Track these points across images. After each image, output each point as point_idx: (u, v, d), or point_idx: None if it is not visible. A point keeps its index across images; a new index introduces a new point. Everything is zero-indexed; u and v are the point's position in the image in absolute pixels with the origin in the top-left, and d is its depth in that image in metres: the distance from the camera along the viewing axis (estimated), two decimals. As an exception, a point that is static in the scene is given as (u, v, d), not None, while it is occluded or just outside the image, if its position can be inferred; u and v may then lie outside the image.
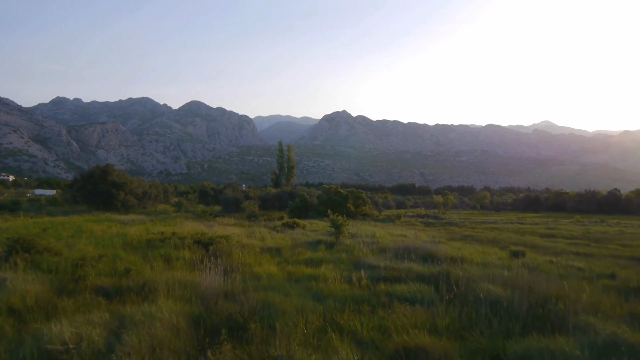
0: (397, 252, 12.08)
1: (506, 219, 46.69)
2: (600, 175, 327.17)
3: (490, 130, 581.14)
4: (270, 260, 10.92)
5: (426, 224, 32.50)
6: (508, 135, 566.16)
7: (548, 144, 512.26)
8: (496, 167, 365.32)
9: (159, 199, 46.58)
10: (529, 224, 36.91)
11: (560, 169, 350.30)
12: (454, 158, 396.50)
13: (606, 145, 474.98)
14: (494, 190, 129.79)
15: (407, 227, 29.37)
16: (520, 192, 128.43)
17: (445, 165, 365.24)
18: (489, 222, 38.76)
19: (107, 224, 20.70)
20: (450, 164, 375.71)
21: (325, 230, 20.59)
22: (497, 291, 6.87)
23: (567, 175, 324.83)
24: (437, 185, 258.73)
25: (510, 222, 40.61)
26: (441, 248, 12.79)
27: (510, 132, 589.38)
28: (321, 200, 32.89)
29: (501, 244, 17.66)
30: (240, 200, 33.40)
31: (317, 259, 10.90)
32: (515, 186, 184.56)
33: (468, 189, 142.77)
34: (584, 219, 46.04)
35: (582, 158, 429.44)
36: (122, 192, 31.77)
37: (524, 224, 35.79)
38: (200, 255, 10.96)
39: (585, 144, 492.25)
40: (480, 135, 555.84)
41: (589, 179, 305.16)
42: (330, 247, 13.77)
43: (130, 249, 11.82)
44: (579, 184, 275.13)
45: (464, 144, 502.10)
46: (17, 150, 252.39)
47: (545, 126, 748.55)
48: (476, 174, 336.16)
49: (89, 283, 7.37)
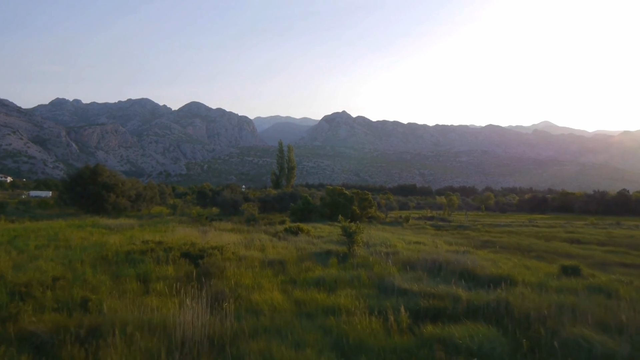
0: (425, 266, 10.04)
1: (517, 221, 44.71)
2: (601, 175, 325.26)
3: (490, 130, 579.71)
4: (272, 280, 8.86)
5: (437, 228, 30.47)
6: (508, 135, 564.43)
7: (548, 144, 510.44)
8: (496, 168, 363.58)
9: (154, 200, 44.52)
10: (543, 226, 34.91)
11: (561, 169, 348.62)
12: (454, 158, 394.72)
13: (606, 145, 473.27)
14: (496, 190, 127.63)
15: (418, 231, 27.37)
16: (523, 192, 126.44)
17: (446, 166, 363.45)
18: (501, 224, 36.73)
19: (90, 229, 18.65)
20: (450, 164, 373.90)
21: (333, 236, 18.55)
22: (598, 339, 4.80)
23: (568, 176, 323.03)
24: (437, 185, 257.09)
25: (523, 224, 38.62)
26: (475, 261, 10.75)
27: (510, 133, 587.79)
28: (325, 202, 30.80)
29: (533, 253, 15.63)
30: (239, 202, 31.34)
31: (330, 278, 8.84)
32: (516, 186, 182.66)
33: (470, 189, 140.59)
34: (598, 221, 43.98)
35: (582, 158, 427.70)
36: (113, 194, 29.59)
37: (539, 227, 33.75)
38: (187, 272, 8.90)
39: (585, 144, 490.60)
40: (480, 135, 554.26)
41: (589, 179, 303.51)
42: (343, 259, 11.70)
43: (103, 265, 9.77)
44: (579, 184, 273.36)
45: (464, 144, 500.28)
46: (16, 152, 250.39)
47: (545, 126, 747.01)
48: (476, 174, 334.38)
49: (22, 326, 5.26)
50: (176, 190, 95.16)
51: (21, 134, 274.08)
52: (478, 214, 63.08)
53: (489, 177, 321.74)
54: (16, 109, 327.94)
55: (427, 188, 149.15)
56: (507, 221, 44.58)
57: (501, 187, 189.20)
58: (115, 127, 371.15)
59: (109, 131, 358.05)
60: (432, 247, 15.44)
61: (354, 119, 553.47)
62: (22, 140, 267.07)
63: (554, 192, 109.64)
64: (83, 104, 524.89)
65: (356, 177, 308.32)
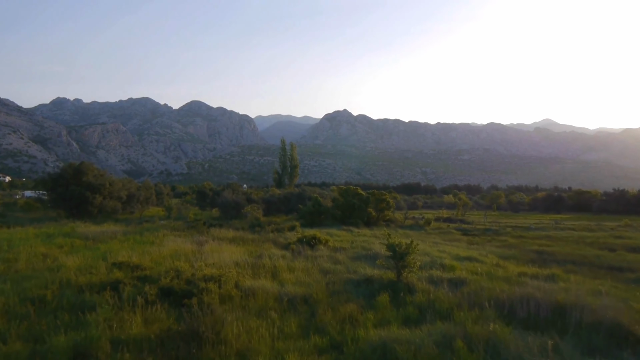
0: (531, 311, 6.55)
1: (540, 222, 41.16)
2: (604, 173, 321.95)
3: (491, 128, 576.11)
4: (301, 346, 5.35)
5: (464, 232, 26.87)
6: (509, 133, 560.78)
7: (550, 142, 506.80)
8: (498, 166, 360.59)
9: (150, 201, 41.16)
10: (580, 229, 31.31)
11: (563, 167, 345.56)
12: (456, 157, 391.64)
13: (608, 143, 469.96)
14: (502, 189, 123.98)
15: (446, 236, 23.79)
16: (529, 191, 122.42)
17: (448, 164, 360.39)
18: (531, 227, 33.17)
19: (60, 241, 15.15)
20: (452, 162, 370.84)
21: (357, 248, 15.05)
22: None
23: (570, 173, 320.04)
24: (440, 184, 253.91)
25: (552, 226, 35.11)
26: (608, 302, 7.23)
27: (511, 131, 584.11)
28: (337, 203, 27.25)
29: (630, 274, 11.99)
30: (241, 204, 27.89)
31: (401, 346, 5.29)
32: (522, 184, 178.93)
33: (475, 187, 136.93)
34: (631, 221, 40.40)
35: (584, 156, 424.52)
36: (99, 195, 25.91)
37: (576, 230, 30.16)
38: (164, 331, 5.44)
39: (587, 142, 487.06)
40: (482, 133, 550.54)
41: (592, 177, 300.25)
42: (394, 293, 8.12)
43: (25, 320, 6.17)
44: (582, 182, 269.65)
45: (466, 142, 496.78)
46: (17, 151, 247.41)
47: (547, 124, 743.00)
48: (478, 172, 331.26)
49: None
50: (176, 189, 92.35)
51: (22, 134, 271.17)
52: (491, 214, 59.64)
53: (491, 175, 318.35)
54: (17, 108, 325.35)
55: (432, 187, 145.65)
56: (530, 222, 41.11)
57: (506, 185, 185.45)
58: (116, 127, 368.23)
59: (109, 130, 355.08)
60: (492, 266, 11.88)
61: (355, 117, 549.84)
62: (22, 139, 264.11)
63: (561, 190, 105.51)
64: (84, 103, 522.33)
65: (358, 175, 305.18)
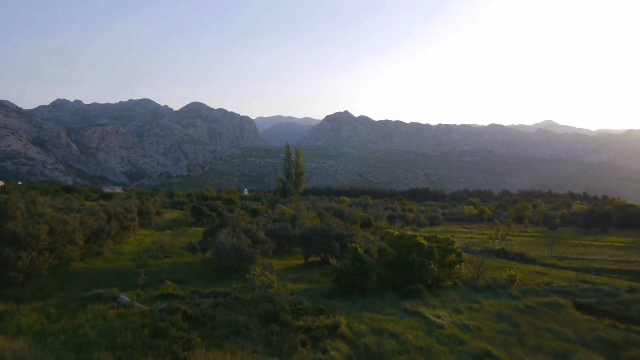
0: None
1: (623, 255, 29.54)
2: (608, 174, 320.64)
3: (493, 130, 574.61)
4: None
5: (577, 304, 16.29)
6: (511, 135, 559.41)
7: (552, 144, 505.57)
8: (501, 167, 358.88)
9: (132, 228, 32.14)
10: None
11: (566, 168, 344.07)
12: (458, 158, 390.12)
13: (610, 144, 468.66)
14: (514, 194, 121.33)
15: (558, 316, 14.44)
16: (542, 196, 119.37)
17: (450, 166, 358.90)
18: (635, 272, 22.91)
19: None
20: (454, 164, 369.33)
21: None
22: None
23: (574, 175, 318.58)
24: (444, 186, 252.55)
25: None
26: None
27: (513, 132, 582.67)
28: (387, 259, 18.45)
29: None
30: (244, 252, 21.26)
31: None
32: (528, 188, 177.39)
33: (486, 193, 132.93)
34: None
35: (587, 157, 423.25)
36: (28, 251, 16.31)
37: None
38: None
39: (589, 143, 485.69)
40: (484, 135, 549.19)
41: (596, 179, 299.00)
42: None
43: None
44: (587, 184, 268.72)
45: (467, 144, 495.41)
46: (15, 153, 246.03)
47: (548, 125, 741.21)
48: (481, 174, 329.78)
49: None
50: (174, 196, 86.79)
51: (20, 135, 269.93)
52: (526, 231, 49.39)
53: (494, 177, 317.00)
54: (16, 110, 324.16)
55: (441, 192, 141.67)
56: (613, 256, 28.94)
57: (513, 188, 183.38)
58: (116, 128, 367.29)
59: (109, 132, 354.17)
60: None
61: (356, 118, 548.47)
62: (21, 141, 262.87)
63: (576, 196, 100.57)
64: (84, 104, 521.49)
65: (360, 177, 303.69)
